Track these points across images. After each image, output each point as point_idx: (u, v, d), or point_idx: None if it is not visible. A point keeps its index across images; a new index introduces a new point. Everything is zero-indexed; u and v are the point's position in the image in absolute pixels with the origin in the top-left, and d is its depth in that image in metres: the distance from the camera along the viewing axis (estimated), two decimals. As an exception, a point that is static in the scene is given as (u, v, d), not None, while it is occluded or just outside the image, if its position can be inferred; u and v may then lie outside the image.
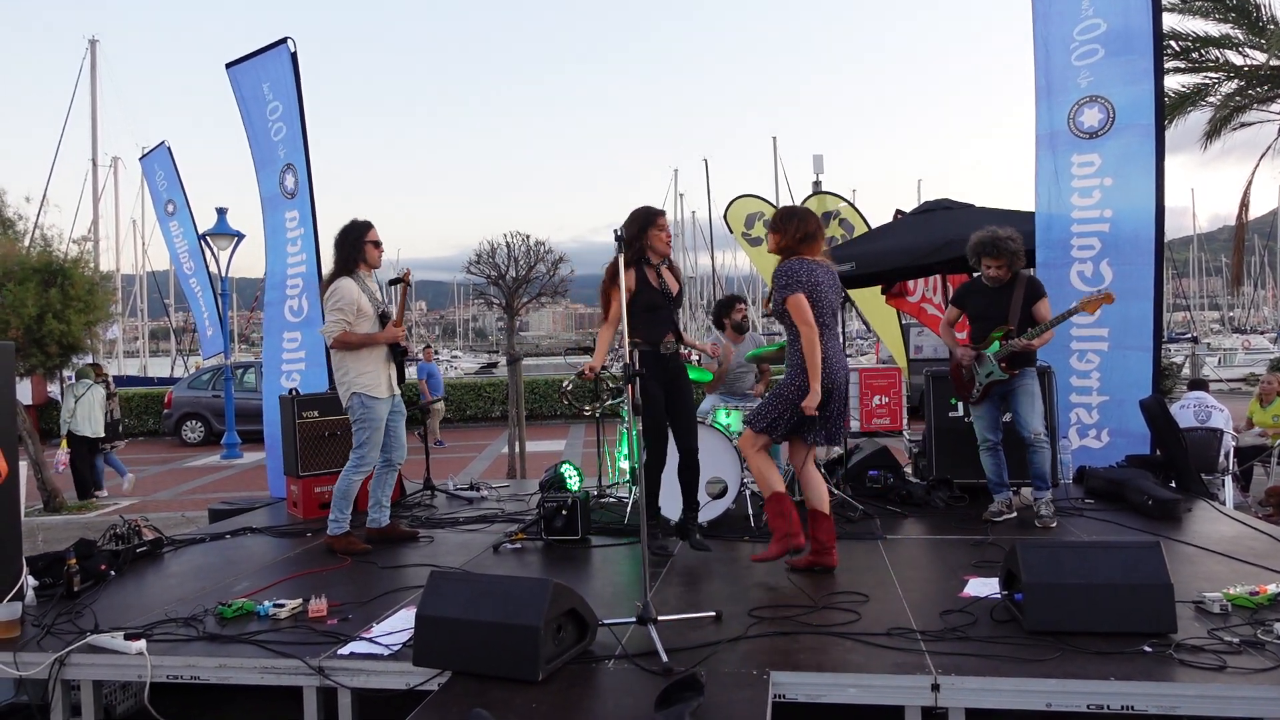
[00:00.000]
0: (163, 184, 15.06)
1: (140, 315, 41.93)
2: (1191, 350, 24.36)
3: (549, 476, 6.14)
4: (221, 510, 6.78)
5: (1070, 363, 6.43)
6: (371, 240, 5.06)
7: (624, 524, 5.43)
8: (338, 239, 5.05)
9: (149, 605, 4.06)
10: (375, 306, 5.02)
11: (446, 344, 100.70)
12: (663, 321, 4.60)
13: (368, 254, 5.04)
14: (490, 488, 7.16)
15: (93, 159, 28.08)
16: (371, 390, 4.97)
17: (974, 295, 5.33)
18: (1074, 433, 6.50)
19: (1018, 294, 5.20)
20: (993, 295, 5.25)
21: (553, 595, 3.03)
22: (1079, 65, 6.43)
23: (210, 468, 13.87)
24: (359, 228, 5.04)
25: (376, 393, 4.97)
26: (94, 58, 27.71)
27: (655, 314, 4.56)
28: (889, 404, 14.26)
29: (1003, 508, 5.30)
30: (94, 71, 27.63)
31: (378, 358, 5.00)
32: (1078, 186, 6.45)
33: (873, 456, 6.38)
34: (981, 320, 5.28)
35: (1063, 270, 6.42)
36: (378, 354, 5.01)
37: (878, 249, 7.36)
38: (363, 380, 4.97)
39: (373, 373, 4.98)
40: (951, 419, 6.14)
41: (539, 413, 18.69)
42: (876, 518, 5.40)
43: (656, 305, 4.56)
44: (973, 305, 5.33)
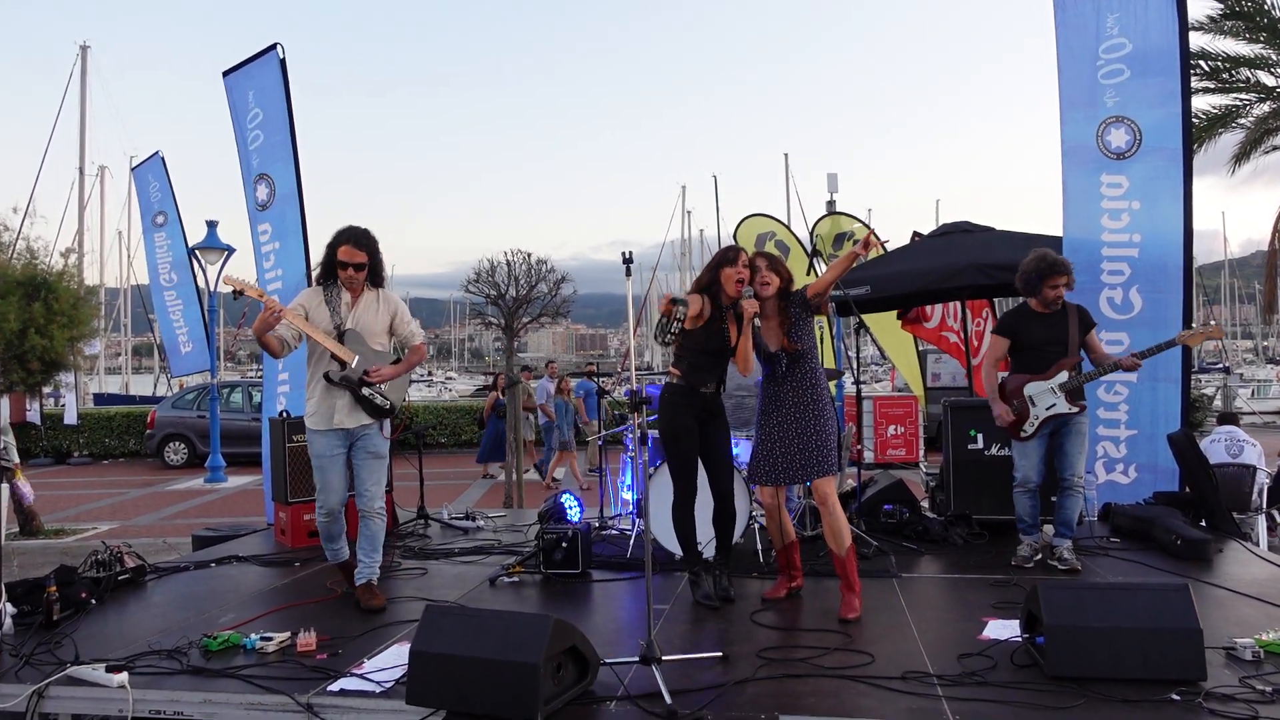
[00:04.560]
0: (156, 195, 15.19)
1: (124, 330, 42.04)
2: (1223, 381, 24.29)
3: (548, 507, 6.13)
4: (206, 537, 6.78)
5: (1097, 394, 6.44)
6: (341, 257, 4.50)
7: (627, 558, 5.42)
8: None
9: (131, 636, 4.07)
10: (336, 323, 4.54)
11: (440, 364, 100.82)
12: (711, 369, 4.48)
13: (337, 269, 4.54)
14: (486, 517, 7.15)
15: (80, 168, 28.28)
16: (310, 420, 4.59)
17: (1029, 323, 5.22)
18: (1100, 467, 6.50)
19: (1073, 321, 5.16)
20: (1049, 322, 5.18)
21: (553, 632, 3.04)
22: (1105, 84, 6.49)
23: (194, 492, 13.87)
24: (332, 238, 4.59)
25: (314, 423, 4.57)
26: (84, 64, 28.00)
27: (709, 359, 4.46)
28: (905, 434, 14.33)
29: (1033, 551, 5.24)
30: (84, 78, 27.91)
31: (317, 383, 4.58)
32: (1107, 208, 6.48)
33: (888, 490, 6.37)
34: (1039, 350, 5.17)
35: (1092, 296, 6.44)
36: (315, 379, 4.58)
37: (894, 272, 7.38)
38: (307, 408, 4.63)
39: (314, 400, 4.60)
40: (971, 451, 6.14)
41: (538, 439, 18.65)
42: (891, 555, 5.39)
43: (714, 350, 4.44)
44: (1029, 334, 5.20)
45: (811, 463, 4.35)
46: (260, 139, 7.91)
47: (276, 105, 7.77)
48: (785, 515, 4.63)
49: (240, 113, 8.08)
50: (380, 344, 4.68)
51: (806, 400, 4.39)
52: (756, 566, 5.19)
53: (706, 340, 4.43)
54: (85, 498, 13.19)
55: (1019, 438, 5.23)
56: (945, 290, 7.49)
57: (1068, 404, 5.11)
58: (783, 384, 4.44)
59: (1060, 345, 5.16)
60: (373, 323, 4.65)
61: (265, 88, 7.86)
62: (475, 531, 6.69)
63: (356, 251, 4.51)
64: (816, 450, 4.34)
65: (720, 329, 4.45)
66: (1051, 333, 5.17)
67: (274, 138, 7.81)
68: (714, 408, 4.56)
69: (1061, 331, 5.16)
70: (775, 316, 4.45)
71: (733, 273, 4.40)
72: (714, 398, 4.55)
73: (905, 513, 6.15)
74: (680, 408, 4.48)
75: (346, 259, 4.50)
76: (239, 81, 8.10)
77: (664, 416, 4.53)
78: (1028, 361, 5.22)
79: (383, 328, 4.71)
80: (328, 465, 4.56)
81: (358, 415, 4.57)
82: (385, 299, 4.73)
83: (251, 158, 7.99)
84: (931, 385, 15.14)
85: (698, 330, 4.42)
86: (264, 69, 7.89)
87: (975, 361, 8.87)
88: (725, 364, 4.54)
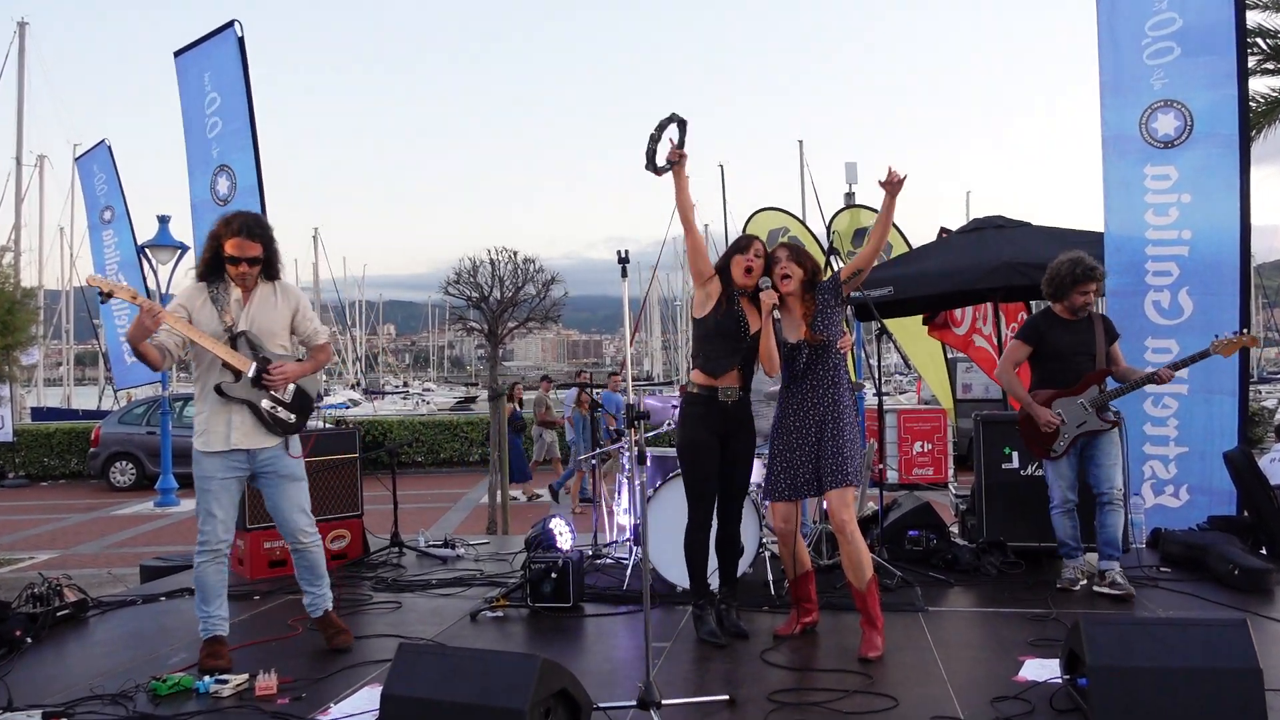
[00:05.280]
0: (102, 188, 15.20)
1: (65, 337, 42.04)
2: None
3: (536, 533, 6.14)
4: (155, 567, 6.78)
5: (1144, 408, 6.45)
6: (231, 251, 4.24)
7: (623, 590, 5.42)
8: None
9: (72, 679, 4.06)
10: (225, 327, 4.25)
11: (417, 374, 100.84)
12: (730, 354, 4.46)
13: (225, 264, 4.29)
14: (467, 545, 7.15)
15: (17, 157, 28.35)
16: (201, 440, 4.31)
17: (1055, 330, 5.30)
18: (1148, 489, 6.50)
19: (1099, 330, 5.26)
20: (1076, 330, 5.27)
21: (540, 673, 3.03)
22: (1152, 64, 6.50)
23: (142, 516, 13.85)
24: (216, 227, 4.34)
25: (205, 444, 4.28)
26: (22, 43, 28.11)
27: (724, 343, 4.46)
28: (932, 451, 14.33)
29: (1079, 574, 5.30)
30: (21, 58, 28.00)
31: (207, 397, 4.29)
32: (1152, 202, 6.50)
33: (913, 514, 6.36)
34: (1065, 359, 5.26)
35: (1135, 299, 6.46)
36: (205, 393, 4.30)
37: (919, 271, 7.40)
38: (196, 426, 4.34)
39: (204, 416, 4.31)
40: (1005, 471, 6.15)
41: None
42: (917, 586, 5.38)
43: (728, 333, 4.46)
44: (1055, 341, 5.28)
45: (827, 470, 4.31)
46: (219, 126, 7.93)
47: (235, 89, 7.79)
48: (800, 541, 4.62)
49: (193, 97, 8.09)
50: (281, 346, 4.43)
51: (827, 399, 4.37)
52: (767, 599, 5.18)
53: (718, 323, 4.46)
54: (21, 524, 13.17)
55: (1049, 456, 5.31)
56: (976, 292, 7.51)
57: (1099, 420, 5.17)
58: (801, 382, 4.41)
59: (1088, 355, 5.22)
60: (271, 321, 4.39)
61: (222, 69, 7.88)
62: (455, 561, 6.69)
63: (249, 244, 4.25)
64: (833, 456, 4.31)
65: (732, 311, 4.47)
66: (1079, 341, 5.23)
67: (233, 124, 7.84)
68: (738, 418, 4.55)
69: (1089, 341, 5.22)
70: (798, 307, 4.45)
71: (742, 260, 4.45)
72: (739, 406, 4.53)
73: (933, 539, 6.14)
74: (699, 420, 4.49)
75: (237, 253, 4.23)
76: (193, 62, 8.12)
77: (681, 429, 4.58)
78: (1052, 372, 5.29)
79: (283, 326, 4.44)
80: (217, 491, 4.27)
81: (259, 435, 4.33)
82: (284, 292, 4.48)
83: (209, 147, 8.00)
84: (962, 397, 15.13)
85: (707, 315, 4.47)
86: (220, 48, 7.91)
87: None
88: (744, 352, 4.50)
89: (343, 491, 6.71)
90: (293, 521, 4.45)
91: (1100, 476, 5.21)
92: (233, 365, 4.25)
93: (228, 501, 4.32)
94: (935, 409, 14.15)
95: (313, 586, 4.56)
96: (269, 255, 4.36)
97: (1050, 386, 5.30)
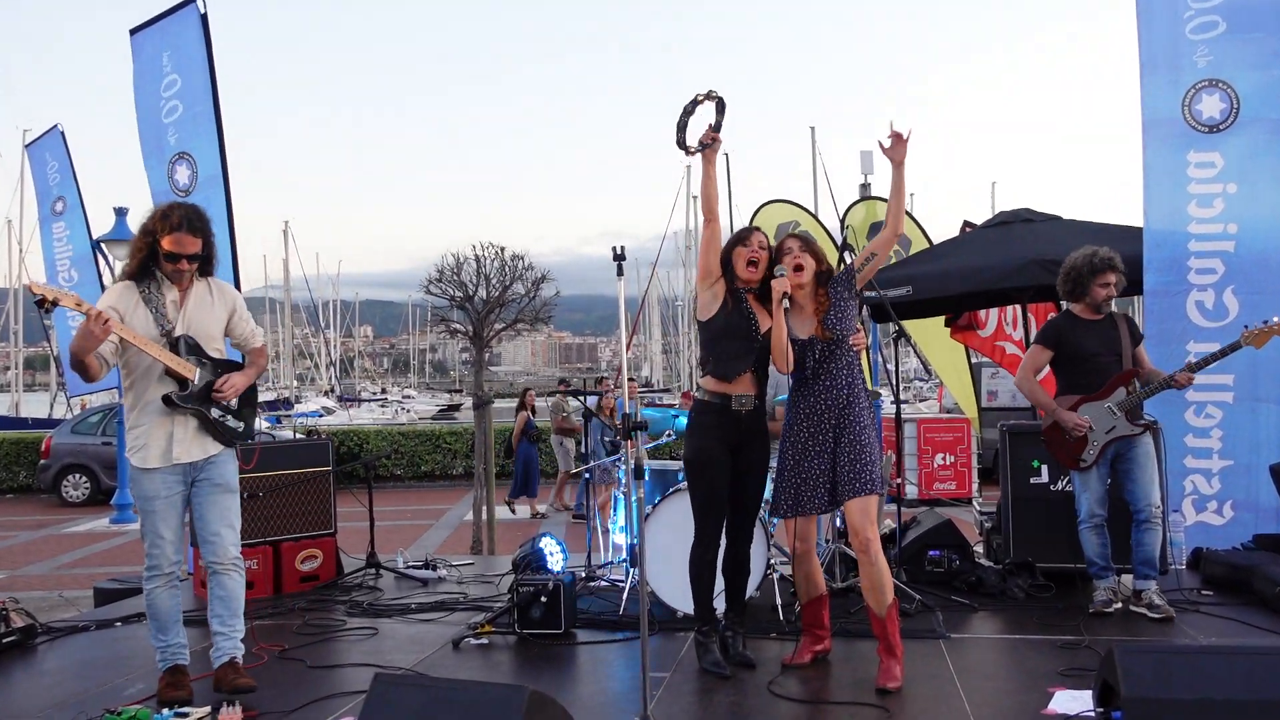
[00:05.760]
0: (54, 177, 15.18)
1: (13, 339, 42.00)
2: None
3: (524, 553, 6.12)
4: (110, 590, 6.76)
5: (1185, 418, 6.46)
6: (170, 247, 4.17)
7: (619, 615, 5.41)
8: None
9: (19, 711, 4.06)
10: (162, 327, 4.20)
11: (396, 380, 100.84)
12: (743, 354, 4.46)
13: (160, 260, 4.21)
14: (450, 566, 7.14)
15: (-39, 144, 28.32)
16: (138, 455, 4.22)
17: (1076, 330, 5.34)
18: (1189, 505, 6.50)
19: (1122, 329, 5.30)
20: (1098, 330, 5.30)
21: (528, 706, 3.02)
22: (1195, 40, 6.49)
23: (97, 534, 13.83)
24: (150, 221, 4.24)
25: (145, 459, 4.20)
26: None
27: (735, 344, 4.46)
28: (954, 464, 14.34)
29: (1111, 595, 5.31)
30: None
31: (147, 405, 4.21)
32: (1196, 193, 6.50)
33: (934, 532, 6.36)
34: (1088, 361, 5.29)
35: (1176, 299, 6.45)
36: (146, 400, 4.22)
37: (941, 269, 7.40)
38: (130, 440, 4.27)
39: (141, 429, 4.22)
40: (1034, 485, 6.14)
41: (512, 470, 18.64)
42: (938, 611, 5.39)
43: (739, 333, 4.46)
44: (1077, 343, 5.31)
45: (845, 477, 4.30)
46: (179, 110, 7.91)
47: (197, 70, 7.78)
48: (815, 561, 4.62)
49: (150, 78, 8.07)
50: (217, 348, 4.40)
51: (842, 400, 4.36)
52: (775, 625, 5.18)
53: (726, 323, 4.47)
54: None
55: (1078, 467, 5.33)
56: (1002, 291, 7.51)
57: (1129, 424, 5.19)
58: (813, 383, 4.41)
59: (1113, 356, 5.25)
60: (208, 323, 4.36)
61: (183, 49, 7.86)
62: (436, 583, 6.68)
63: (189, 239, 4.18)
64: (851, 463, 4.30)
65: (740, 309, 4.48)
66: (1102, 341, 5.26)
67: (195, 109, 7.82)
68: (753, 428, 4.55)
69: (1113, 340, 5.26)
70: (810, 302, 4.46)
71: (744, 253, 4.47)
72: (753, 416, 4.53)
73: (955, 560, 6.14)
74: (709, 430, 4.50)
75: (176, 249, 4.16)
76: (150, 40, 8.10)
77: (690, 440, 4.58)
78: (1077, 376, 5.32)
79: (220, 328, 4.42)
80: (163, 511, 4.20)
81: (205, 444, 4.28)
82: (219, 291, 4.46)
83: (167, 133, 7.99)
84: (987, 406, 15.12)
85: (715, 315, 4.48)
86: (181, 25, 7.89)
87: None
88: (758, 353, 4.50)
89: (314, 508, 6.70)
90: (220, 537, 4.30)
91: (1136, 493, 5.23)
92: (178, 373, 4.18)
93: (175, 520, 4.25)
94: (958, 418, 14.16)
95: (225, 625, 4.33)
96: (208, 251, 4.32)
97: (1075, 392, 5.32)
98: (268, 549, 6.40)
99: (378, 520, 7.28)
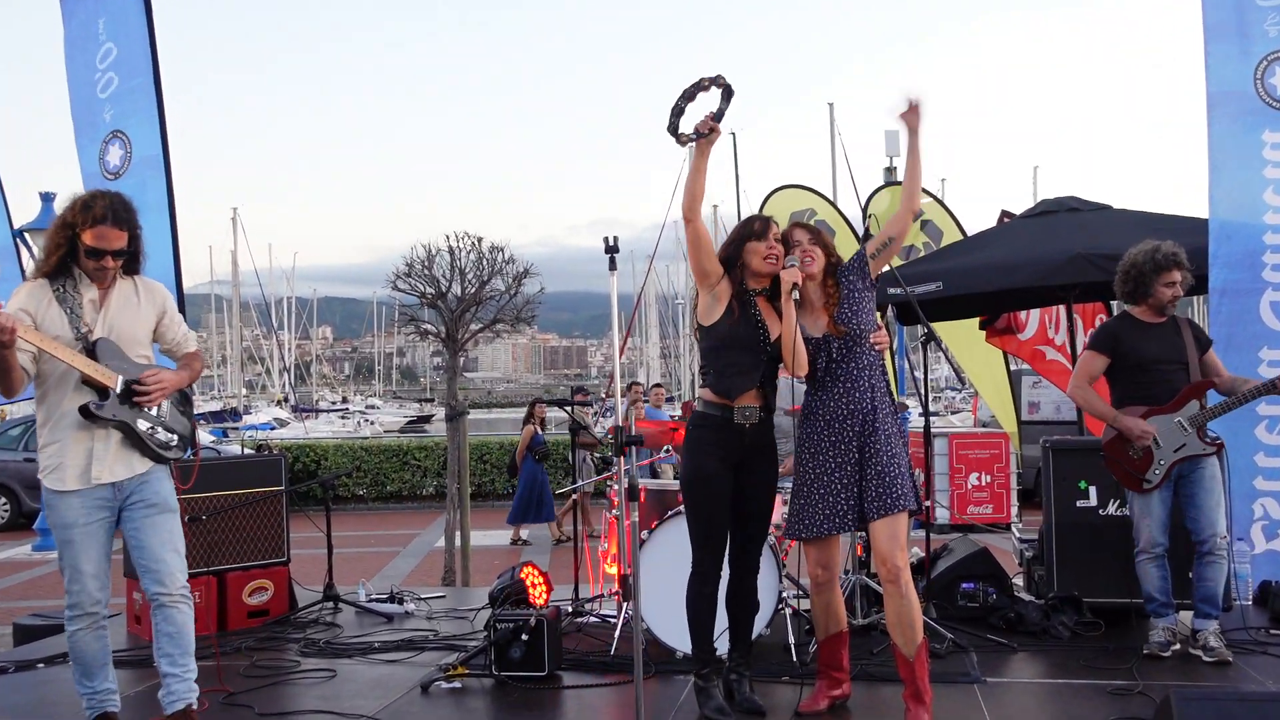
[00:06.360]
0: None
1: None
2: None
3: (503, 585, 6.12)
4: (32, 626, 6.74)
5: (1255, 434, 6.45)
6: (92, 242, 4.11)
7: (610, 656, 5.41)
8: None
9: (-76, 765, 4.03)
10: (77, 330, 4.14)
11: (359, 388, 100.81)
12: (749, 369, 4.46)
13: (80, 256, 4.17)
14: (418, 599, 7.14)
15: None
16: (52, 477, 4.15)
17: (1135, 335, 5.31)
18: (1258, 532, 6.50)
19: (1187, 335, 5.28)
20: (1160, 335, 5.28)
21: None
22: (1265, 6, 6.49)
23: (17, 563, 13.80)
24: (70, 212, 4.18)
25: (59, 481, 4.13)
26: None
27: (741, 356, 4.45)
28: (991, 485, 14.34)
29: (1169, 636, 5.30)
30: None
31: (61, 419, 4.14)
32: (1272, 177, 6.48)
33: (967, 562, 6.37)
34: (1151, 370, 5.26)
35: (1249, 299, 6.46)
36: (60, 413, 4.15)
37: (976, 264, 7.41)
38: (44, 459, 4.19)
39: (55, 446, 4.16)
40: (1081, 509, 6.14)
41: (490, 490, 18.67)
42: (972, 651, 5.39)
43: (746, 343, 4.46)
44: (1137, 349, 5.29)
45: (873, 494, 4.29)
46: (114, 84, 7.91)
47: (136, 39, 7.78)
48: (838, 591, 4.60)
49: (83, 47, 8.07)
50: (143, 354, 4.36)
51: (864, 405, 4.36)
52: (787, 667, 5.18)
53: (732, 331, 4.45)
54: None
55: (1140, 489, 5.29)
56: (1045, 290, 7.52)
57: (1200, 443, 5.17)
58: (831, 388, 4.41)
59: (1179, 364, 5.24)
60: (133, 326, 4.31)
61: (120, 15, 7.86)
62: (403, 618, 6.68)
63: (114, 233, 4.13)
64: (879, 476, 4.29)
65: (748, 315, 4.47)
66: (1166, 348, 5.24)
67: (132, 82, 7.82)
68: (758, 443, 4.55)
69: (1178, 346, 5.24)
70: (819, 297, 4.47)
71: (761, 248, 4.46)
72: (759, 430, 4.53)
73: (991, 593, 6.15)
74: (707, 446, 4.48)
75: (100, 244, 4.11)
76: (83, 5, 8.10)
77: (688, 457, 4.56)
78: (1136, 387, 5.30)
79: (146, 332, 4.38)
80: (82, 541, 4.12)
81: (131, 461, 4.22)
82: (147, 290, 4.42)
83: (100, 109, 7.98)
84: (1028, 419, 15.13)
85: (717, 321, 4.46)
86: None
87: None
88: (767, 364, 4.51)
89: (265, 533, 6.70)
90: (165, 565, 4.21)
91: (1200, 520, 5.21)
92: (96, 380, 4.10)
93: (97, 552, 4.16)
94: (995, 433, 14.15)
95: (177, 665, 4.25)
96: (134, 246, 4.27)
97: (1136, 403, 5.30)
98: (211, 580, 6.38)
99: (337, 547, 7.26)
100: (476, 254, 9.63)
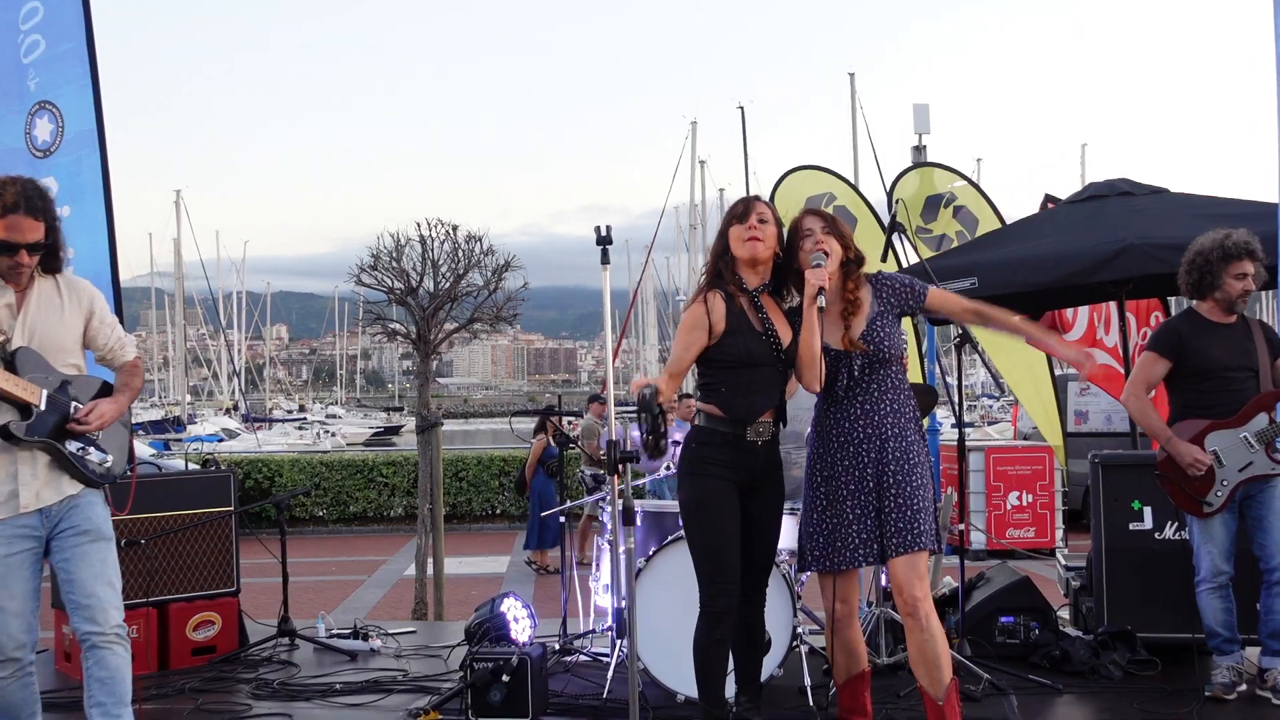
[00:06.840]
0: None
1: None
2: None
3: (481, 618, 6.12)
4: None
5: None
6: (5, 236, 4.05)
7: (603, 699, 5.42)
8: None
9: None
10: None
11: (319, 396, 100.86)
12: (763, 387, 4.43)
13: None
14: (385, 634, 7.14)
15: None
16: None
17: (1202, 337, 5.29)
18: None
19: (1258, 337, 5.28)
20: (1228, 337, 5.28)
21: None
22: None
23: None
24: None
25: None
26: None
27: (756, 373, 4.42)
28: (1033, 505, 14.35)
29: (1235, 676, 5.30)
30: None
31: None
32: None
33: (1006, 592, 6.38)
34: (1217, 377, 5.26)
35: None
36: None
37: (1015, 257, 7.42)
38: None
39: None
40: (1135, 533, 6.15)
41: (467, 511, 18.67)
42: (1011, 693, 5.39)
43: (753, 359, 4.41)
44: (1202, 353, 5.28)
45: (892, 528, 4.29)
46: (41, 48, 7.90)
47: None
48: (857, 628, 4.61)
49: (4, 5, 8.07)
50: (72, 363, 4.34)
51: (885, 430, 4.36)
52: (803, 712, 5.20)
53: (734, 348, 4.40)
54: None
55: (1200, 513, 5.28)
56: (1094, 285, 7.52)
57: (1269, 461, 5.16)
58: (847, 406, 4.40)
59: (1248, 371, 5.23)
60: (58, 332, 4.29)
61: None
62: (368, 656, 6.69)
63: (29, 223, 4.07)
64: (897, 510, 4.29)
65: (746, 326, 4.42)
66: (1235, 352, 5.24)
67: (62, 47, 7.81)
68: (770, 461, 4.54)
69: (1248, 351, 5.24)
70: (837, 301, 4.42)
71: (741, 231, 4.42)
72: (773, 448, 4.52)
73: (1034, 628, 6.17)
74: (714, 466, 4.42)
75: (14, 237, 4.04)
76: (6, -42, 8.11)
77: (690, 479, 4.48)
78: (1200, 395, 5.29)
79: (75, 338, 4.36)
80: (6, 574, 4.08)
81: (60, 484, 4.19)
82: (72, 290, 4.40)
83: (26, 76, 7.98)
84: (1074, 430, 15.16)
85: (721, 340, 4.40)
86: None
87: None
88: (780, 379, 4.50)
89: (211, 560, 6.70)
90: (97, 600, 4.15)
91: (1269, 547, 5.21)
92: (17, 397, 4.04)
93: (20, 589, 4.11)
94: (1038, 446, 14.17)
95: (109, 716, 4.17)
96: (53, 240, 4.22)
97: (1199, 415, 5.30)
98: (151, 612, 6.38)
99: (293, 575, 7.26)
100: (451, 244, 9.62)
